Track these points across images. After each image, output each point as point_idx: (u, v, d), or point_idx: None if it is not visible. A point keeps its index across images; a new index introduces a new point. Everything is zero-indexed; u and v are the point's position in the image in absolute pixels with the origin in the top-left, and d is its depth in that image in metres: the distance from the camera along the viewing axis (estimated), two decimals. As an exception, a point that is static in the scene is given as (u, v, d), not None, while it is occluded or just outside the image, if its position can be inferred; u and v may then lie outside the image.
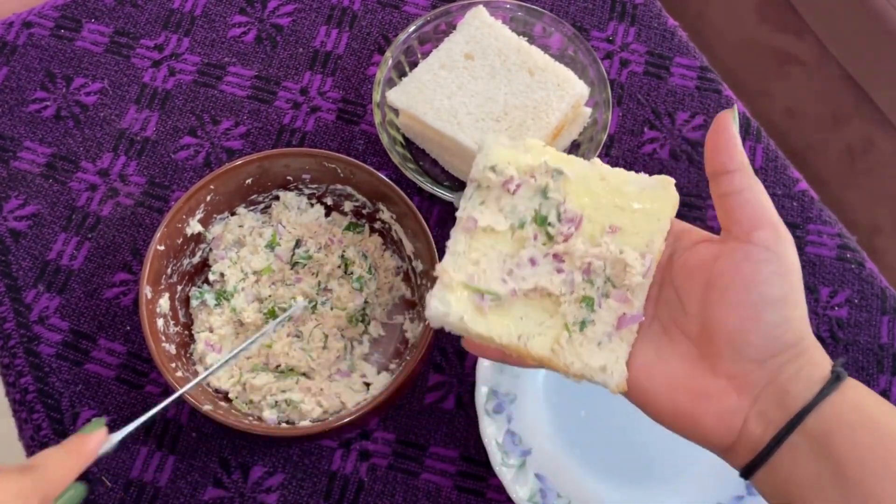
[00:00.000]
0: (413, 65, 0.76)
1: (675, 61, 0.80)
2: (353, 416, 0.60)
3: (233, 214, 0.70)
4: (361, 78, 0.80)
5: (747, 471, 0.44)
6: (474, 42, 0.73)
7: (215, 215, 0.69)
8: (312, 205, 0.72)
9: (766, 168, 0.76)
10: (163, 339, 0.64)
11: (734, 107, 0.47)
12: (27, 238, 0.73)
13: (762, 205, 0.44)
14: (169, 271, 0.66)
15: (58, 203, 0.75)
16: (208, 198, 0.67)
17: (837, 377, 0.43)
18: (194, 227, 0.67)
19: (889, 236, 1.20)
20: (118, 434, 0.49)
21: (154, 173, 0.76)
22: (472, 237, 0.49)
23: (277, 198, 0.71)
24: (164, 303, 0.65)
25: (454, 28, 0.75)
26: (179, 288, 0.68)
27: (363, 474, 0.66)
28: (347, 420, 0.59)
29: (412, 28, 0.75)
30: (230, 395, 0.66)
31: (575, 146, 0.75)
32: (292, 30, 0.82)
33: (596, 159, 0.50)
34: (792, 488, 0.43)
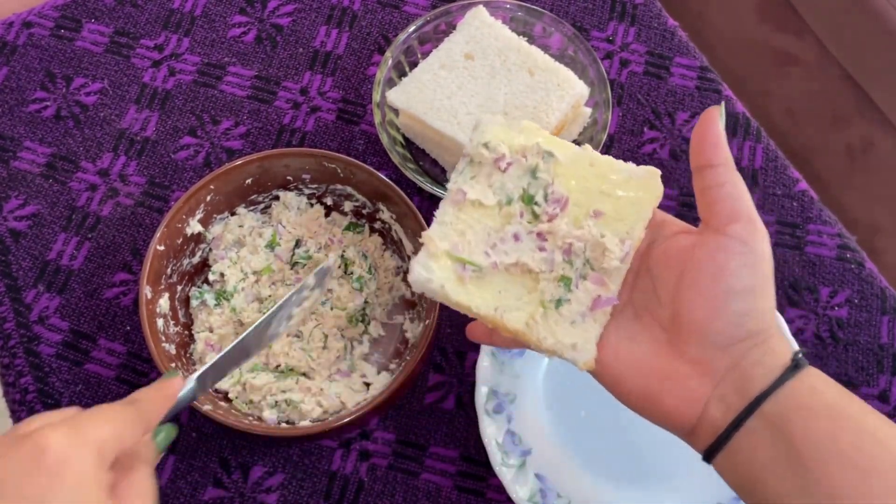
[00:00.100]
0: (413, 65, 0.76)
1: (675, 61, 0.80)
2: (353, 416, 0.60)
3: (233, 214, 0.70)
4: (361, 78, 0.80)
5: (708, 454, 0.46)
6: (474, 42, 0.73)
7: (215, 215, 0.69)
8: (312, 205, 0.72)
9: (766, 168, 0.76)
10: (163, 339, 0.64)
11: (721, 103, 0.48)
12: (27, 238, 0.73)
13: (741, 199, 0.46)
14: (169, 271, 0.66)
15: (58, 203, 0.75)
16: (208, 198, 0.67)
17: (797, 365, 0.44)
18: (194, 227, 0.67)
19: (889, 236, 1.20)
20: (193, 376, 0.52)
21: (154, 173, 0.76)
22: (460, 209, 0.50)
23: (277, 198, 0.71)
24: (164, 303, 0.65)
25: (454, 28, 0.75)
26: (179, 288, 0.68)
27: (363, 474, 0.66)
28: (347, 420, 0.60)
29: (412, 28, 0.76)
30: (230, 395, 0.66)
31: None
32: (292, 30, 0.82)
33: (587, 146, 0.51)
34: (750, 471, 0.44)
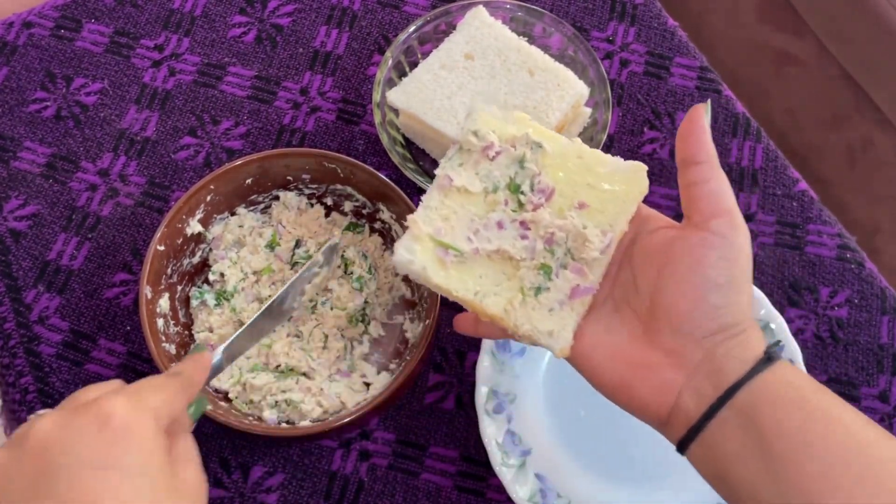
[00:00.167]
0: (413, 65, 0.76)
1: (675, 61, 0.80)
2: (353, 416, 0.60)
3: (233, 214, 0.70)
4: (361, 78, 0.80)
5: (681, 445, 0.46)
6: (474, 42, 0.73)
7: (215, 215, 0.69)
8: (312, 205, 0.72)
9: (766, 168, 0.76)
10: (163, 339, 0.64)
11: (708, 101, 0.49)
12: (27, 238, 0.73)
13: (723, 195, 0.47)
14: (169, 271, 0.66)
15: (58, 203, 0.75)
16: (208, 198, 0.67)
17: (769, 357, 0.45)
18: (194, 227, 0.67)
19: (889, 236, 1.20)
20: (220, 348, 0.56)
21: (154, 173, 0.76)
22: (446, 195, 0.52)
23: (277, 198, 0.71)
24: (164, 303, 0.65)
25: (454, 28, 0.75)
26: (179, 288, 0.68)
27: (363, 474, 0.66)
28: (347, 420, 0.60)
29: (412, 28, 0.76)
30: (230, 395, 0.66)
31: (575, 146, 0.75)
32: (292, 30, 0.82)
33: (577, 139, 0.52)
34: (722, 461, 0.45)
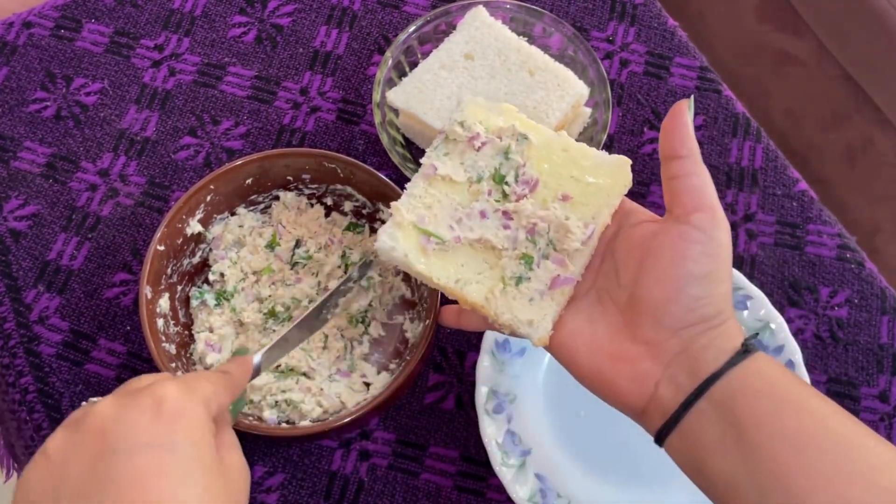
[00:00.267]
0: (413, 65, 0.76)
1: (675, 61, 0.80)
2: (353, 416, 0.60)
3: (233, 214, 0.70)
4: (361, 78, 0.80)
5: (659, 435, 0.47)
6: (474, 42, 0.73)
7: (215, 215, 0.69)
8: (312, 205, 0.72)
9: (766, 168, 0.76)
10: (163, 339, 0.64)
11: (691, 97, 0.50)
12: (27, 238, 0.73)
13: (705, 190, 0.47)
14: (169, 271, 0.66)
15: (58, 203, 0.75)
16: (208, 198, 0.67)
17: (746, 350, 0.45)
18: (194, 227, 0.67)
19: (889, 236, 1.20)
20: (260, 352, 0.57)
21: (154, 173, 0.76)
22: (430, 183, 0.52)
23: (277, 198, 0.71)
24: (164, 303, 0.65)
25: (454, 28, 0.75)
26: (179, 288, 0.68)
27: (363, 474, 0.66)
28: (347, 420, 0.60)
29: (412, 28, 0.76)
30: (230, 395, 0.66)
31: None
32: (292, 30, 0.82)
33: (563, 132, 0.53)
34: (699, 452, 0.45)
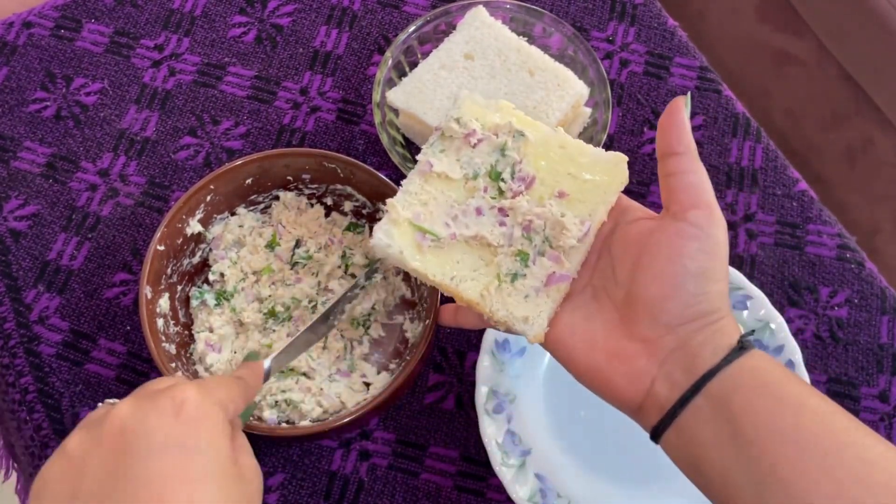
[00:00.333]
0: (413, 65, 0.76)
1: (675, 61, 0.80)
2: (353, 416, 0.60)
3: (233, 214, 0.70)
4: (361, 78, 0.80)
5: (655, 432, 0.47)
6: (474, 42, 0.73)
7: (215, 215, 0.69)
8: (312, 205, 0.72)
9: (766, 168, 0.76)
10: (163, 339, 0.64)
11: (689, 93, 0.50)
12: (27, 238, 0.73)
13: (701, 187, 0.47)
14: (169, 271, 0.66)
15: (58, 203, 0.75)
16: (208, 198, 0.67)
17: (742, 346, 0.46)
18: (194, 227, 0.67)
19: (889, 236, 1.20)
20: (270, 357, 0.57)
21: (154, 173, 0.76)
22: (426, 180, 0.52)
23: (277, 198, 0.71)
24: (164, 303, 0.65)
25: (454, 28, 0.75)
26: (179, 288, 0.68)
27: (363, 474, 0.66)
28: (347, 420, 0.59)
29: (412, 28, 0.76)
30: (230, 395, 0.66)
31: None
32: (292, 30, 0.82)
33: (560, 129, 0.53)
34: (695, 448, 0.45)
